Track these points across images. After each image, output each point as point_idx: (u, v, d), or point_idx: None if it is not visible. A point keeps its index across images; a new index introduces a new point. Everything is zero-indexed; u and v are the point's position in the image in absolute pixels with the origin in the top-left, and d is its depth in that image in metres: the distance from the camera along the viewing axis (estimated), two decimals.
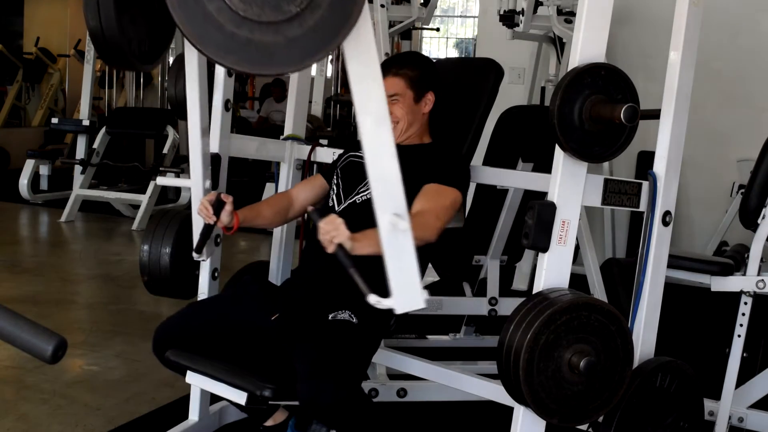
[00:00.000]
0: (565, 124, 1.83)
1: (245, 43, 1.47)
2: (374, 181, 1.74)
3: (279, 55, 1.49)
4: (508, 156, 3.09)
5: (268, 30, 1.48)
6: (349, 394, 1.95)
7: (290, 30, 1.49)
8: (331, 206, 2.39)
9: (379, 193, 1.73)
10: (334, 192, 2.41)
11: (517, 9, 5.13)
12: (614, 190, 2.04)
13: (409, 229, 1.73)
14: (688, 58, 2.08)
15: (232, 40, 1.47)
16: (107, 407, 2.89)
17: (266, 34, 1.48)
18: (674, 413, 2.10)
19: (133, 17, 2.11)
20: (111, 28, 2.01)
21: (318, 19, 1.50)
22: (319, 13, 1.50)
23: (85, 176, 6.57)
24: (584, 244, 3.87)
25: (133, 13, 2.11)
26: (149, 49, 2.21)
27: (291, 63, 1.51)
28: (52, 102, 10.14)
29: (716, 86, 4.88)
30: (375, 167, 1.73)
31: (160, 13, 2.19)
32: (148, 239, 2.63)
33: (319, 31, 1.51)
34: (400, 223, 1.71)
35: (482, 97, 2.69)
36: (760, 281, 2.64)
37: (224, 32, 1.47)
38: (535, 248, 1.89)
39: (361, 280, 1.78)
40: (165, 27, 2.28)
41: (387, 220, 1.72)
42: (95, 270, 5.09)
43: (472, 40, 15.61)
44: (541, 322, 1.77)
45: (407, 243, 1.74)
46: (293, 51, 1.50)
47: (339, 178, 2.43)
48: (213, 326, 2.23)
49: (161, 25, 2.25)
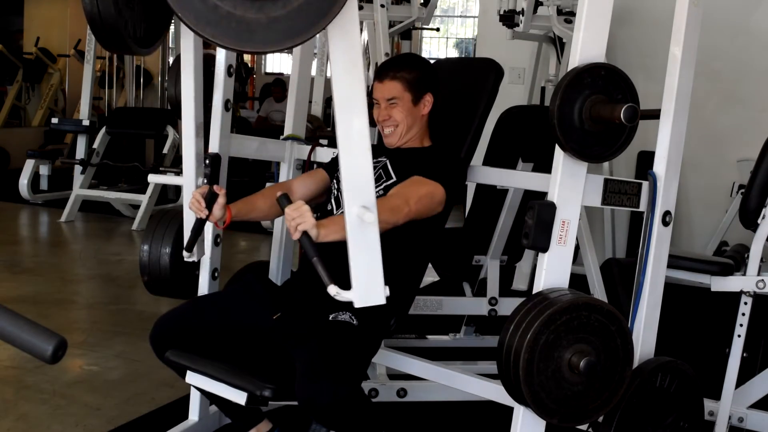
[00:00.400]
0: (565, 124, 1.83)
1: (226, 16, 1.45)
2: (345, 172, 1.73)
3: (259, 33, 1.47)
4: (508, 156, 3.09)
5: (252, 6, 1.46)
6: (348, 394, 1.95)
7: (273, 9, 1.47)
8: (330, 210, 2.38)
9: (350, 186, 1.74)
10: (333, 195, 2.40)
11: (517, 9, 5.13)
12: (614, 190, 2.04)
13: (375, 223, 1.73)
14: (688, 58, 2.08)
15: (214, 13, 1.44)
16: (107, 407, 2.89)
17: (248, 10, 1.46)
18: (674, 413, 2.10)
19: (130, 1, 2.11)
20: (108, 11, 2.01)
21: (303, 1, 1.48)
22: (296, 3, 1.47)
23: (85, 176, 6.57)
24: (584, 244, 3.87)
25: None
26: (146, 33, 2.20)
27: (270, 42, 1.49)
28: (52, 102, 10.14)
29: (716, 86, 4.88)
30: (347, 159, 1.73)
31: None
32: (148, 239, 2.63)
33: (303, 12, 1.48)
34: (366, 215, 1.72)
35: (482, 97, 2.69)
36: (760, 281, 2.64)
37: (207, 3, 1.44)
38: (535, 248, 1.89)
39: (324, 270, 1.76)
40: (162, 10, 2.26)
41: (354, 212, 1.73)
42: (95, 270, 5.09)
43: (472, 40, 15.62)
44: (541, 322, 1.77)
45: (373, 236, 1.75)
46: (274, 30, 1.48)
47: (338, 182, 2.43)
48: (213, 324, 2.23)
49: (158, 8, 2.23)
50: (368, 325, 2.17)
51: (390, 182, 2.31)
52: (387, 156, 2.39)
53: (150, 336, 2.23)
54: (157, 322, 2.25)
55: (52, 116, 9.25)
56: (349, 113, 1.70)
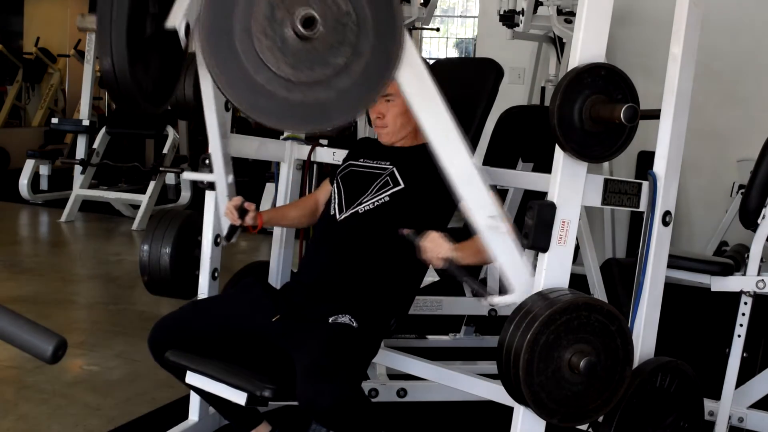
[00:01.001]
0: (565, 124, 1.83)
1: (299, 104, 1.55)
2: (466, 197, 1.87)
3: (334, 109, 1.57)
4: (508, 156, 3.09)
5: (320, 87, 1.55)
6: (349, 395, 1.95)
7: (340, 82, 1.56)
8: (333, 214, 2.37)
9: (473, 206, 1.88)
10: (336, 201, 2.40)
11: (517, 9, 5.13)
12: (614, 190, 2.04)
13: (508, 229, 1.87)
14: (688, 58, 2.08)
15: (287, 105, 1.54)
16: (107, 407, 2.89)
17: (318, 91, 1.55)
18: (674, 413, 2.09)
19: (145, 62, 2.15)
20: (124, 77, 2.06)
21: (364, 66, 1.57)
22: (364, 59, 1.57)
23: (85, 176, 6.57)
24: (584, 244, 3.87)
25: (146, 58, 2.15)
26: (157, 94, 2.26)
27: (346, 113, 1.60)
28: (52, 102, 10.14)
29: (716, 86, 4.88)
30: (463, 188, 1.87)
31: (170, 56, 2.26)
32: (148, 239, 2.63)
33: (367, 76, 1.58)
34: (499, 224, 1.86)
35: (482, 97, 2.69)
36: (760, 281, 2.64)
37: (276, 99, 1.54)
38: (535, 248, 1.89)
39: (478, 285, 1.95)
40: (174, 70, 2.33)
41: (483, 223, 1.87)
42: (95, 270, 5.09)
43: (472, 40, 15.60)
44: (541, 322, 1.77)
45: (508, 240, 1.89)
46: (346, 101, 1.58)
47: (340, 186, 2.43)
48: (212, 328, 2.23)
49: (171, 70, 2.30)
50: (368, 327, 2.18)
51: (397, 189, 2.32)
52: (391, 160, 2.39)
53: (148, 339, 2.23)
54: (155, 325, 2.25)
55: (52, 116, 9.25)
56: (449, 148, 1.86)
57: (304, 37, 1.53)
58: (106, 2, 2.00)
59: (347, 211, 2.34)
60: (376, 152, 2.45)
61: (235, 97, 1.51)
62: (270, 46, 1.52)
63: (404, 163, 2.37)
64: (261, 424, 2.46)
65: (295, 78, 1.53)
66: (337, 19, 1.56)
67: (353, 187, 2.38)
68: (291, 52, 1.53)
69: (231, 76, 1.51)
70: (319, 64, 1.54)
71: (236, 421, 2.46)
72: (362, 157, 2.46)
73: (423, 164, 2.28)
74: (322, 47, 1.54)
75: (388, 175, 2.35)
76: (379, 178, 2.35)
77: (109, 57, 2.01)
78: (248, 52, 1.51)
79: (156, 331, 2.23)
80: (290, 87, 1.52)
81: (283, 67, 1.52)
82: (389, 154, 2.41)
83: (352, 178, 2.42)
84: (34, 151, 7.22)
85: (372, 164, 2.41)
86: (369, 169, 2.39)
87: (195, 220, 2.69)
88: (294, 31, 1.53)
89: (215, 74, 1.50)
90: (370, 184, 2.35)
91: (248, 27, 1.51)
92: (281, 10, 1.53)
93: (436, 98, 1.80)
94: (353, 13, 1.58)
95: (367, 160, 2.44)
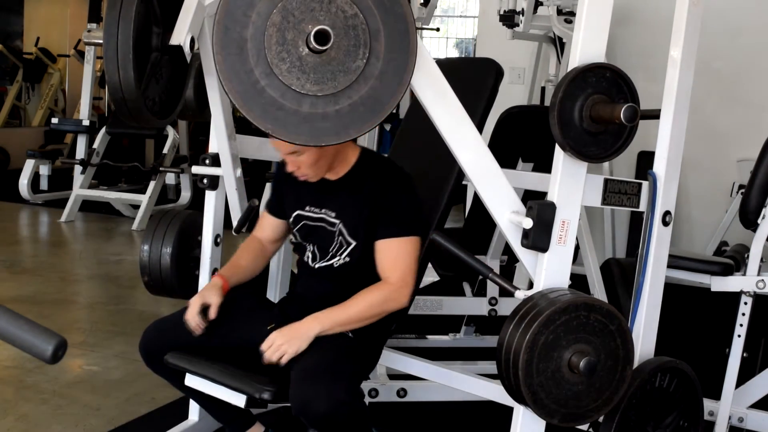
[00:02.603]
0: (565, 123, 1.83)
1: (322, 118, 1.58)
2: (485, 195, 1.89)
3: (352, 120, 1.61)
4: (508, 156, 3.09)
5: (342, 96, 1.60)
6: (343, 401, 1.93)
7: (355, 92, 1.61)
8: (306, 262, 2.28)
9: (494, 203, 1.89)
10: (306, 251, 2.28)
11: (517, 9, 5.13)
12: (614, 190, 2.04)
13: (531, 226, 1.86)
14: (688, 58, 2.08)
15: (309, 119, 1.58)
16: (107, 407, 2.89)
17: (328, 106, 1.59)
18: (674, 413, 2.10)
19: (151, 78, 2.16)
20: (131, 92, 2.07)
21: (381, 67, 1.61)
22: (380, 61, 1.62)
23: (85, 176, 6.57)
24: (584, 244, 3.86)
25: (151, 73, 2.16)
26: (163, 107, 2.29)
27: (363, 124, 1.63)
28: (52, 102, 10.14)
29: (716, 86, 4.88)
30: (483, 187, 1.89)
31: (175, 70, 2.29)
32: (148, 239, 2.63)
33: (379, 86, 1.62)
34: (524, 220, 1.86)
35: (482, 97, 2.69)
36: (760, 281, 2.64)
37: (299, 115, 1.57)
38: (535, 248, 1.89)
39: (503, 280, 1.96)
40: (179, 84, 2.35)
41: (506, 218, 1.89)
42: (95, 270, 5.09)
43: (472, 40, 15.62)
44: (541, 322, 1.77)
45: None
46: (360, 113, 1.62)
47: (301, 240, 2.30)
48: (205, 333, 2.19)
49: (176, 83, 2.32)
50: (364, 339, 2.17)
51: (351, 247, 2.20)
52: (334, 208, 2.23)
53: (140, 344, 2.23)
54: (146, 330, 2.24)
55: (52, 116, 9.26)
56: (466, 150, 1.87)
57: (320, 51, 1.56)
58: (113, 18, 2.01)
59: (321, 262, 2.25)
60: (314, 192, 2.27)
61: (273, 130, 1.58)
62: (289, 68, 1.57)
63: (345, 211, 2.22)
64: (254, 426, 2.45)
65: (321, 92, 1.57)
66: (347, 24, 1.58)
67: (316, 242, 2.26)
68: (311, 69, 1.57)
69: (259, 112, 1.57)
70: (342, 72, 1.58)
71: (230, 423, 2.45)
72: (306, 203, 2.29)
73: (357, 203, 2.18)
74: (339, 55, 1.58)
75: (339, 234, 2.22)
76: (334, 238, 2.22)
77: (116, 74, 2.04)
78: (272, 84, 1.57)
79: (147, 335, 2.23)
80: (314, 102, 1.58)
81: (307, 86, 1.57)
82: (326, 196, 2.25)
83: (310, 233, 2.28)
84: (34, 151, 7.22)
85: (320, 214, 2.25)
86: (320, 222, 2.25)
87: (195, 220, 2.69)
88: (309, 48, 1.57)
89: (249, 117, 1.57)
90: (329, 244, 2.23)
91: (266, 60, 1.57)
92: (291, 32, 1.56)
93: (452, 98, 1.84)
94: (360, 14, 1.59)
95: (314, 208, 2.26)
